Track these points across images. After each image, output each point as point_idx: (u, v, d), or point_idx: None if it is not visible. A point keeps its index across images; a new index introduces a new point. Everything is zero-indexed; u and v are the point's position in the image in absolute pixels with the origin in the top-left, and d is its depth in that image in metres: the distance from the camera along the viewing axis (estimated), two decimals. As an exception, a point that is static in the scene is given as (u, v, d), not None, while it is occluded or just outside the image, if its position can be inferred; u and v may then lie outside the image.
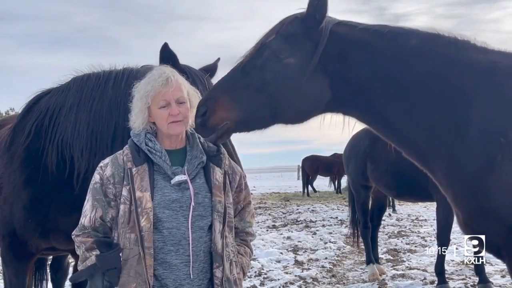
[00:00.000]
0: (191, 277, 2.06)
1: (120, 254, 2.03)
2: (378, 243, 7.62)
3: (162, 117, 2.11)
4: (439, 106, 2.33)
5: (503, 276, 6.25)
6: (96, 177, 2.13)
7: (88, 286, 2.06)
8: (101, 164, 2.17)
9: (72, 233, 2.14)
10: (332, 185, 22.96)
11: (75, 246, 2.13)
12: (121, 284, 2.01)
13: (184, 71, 2.68)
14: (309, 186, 22.06)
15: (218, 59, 3.22)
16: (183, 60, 2.84)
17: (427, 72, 2.34)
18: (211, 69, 3.12)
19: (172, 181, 2.09)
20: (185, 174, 2.11)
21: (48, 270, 4.77)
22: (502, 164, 2.20)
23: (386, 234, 10.09)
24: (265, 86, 2.33)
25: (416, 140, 2.42)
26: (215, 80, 3.04)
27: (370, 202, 7.19)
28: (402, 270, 6.98)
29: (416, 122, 2.37)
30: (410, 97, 2.35)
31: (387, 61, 2.37)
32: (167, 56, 2.73)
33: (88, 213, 2.09)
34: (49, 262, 4.78)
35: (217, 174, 2.19)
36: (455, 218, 2.59)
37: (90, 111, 3.00)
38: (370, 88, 2.38)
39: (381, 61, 2.37)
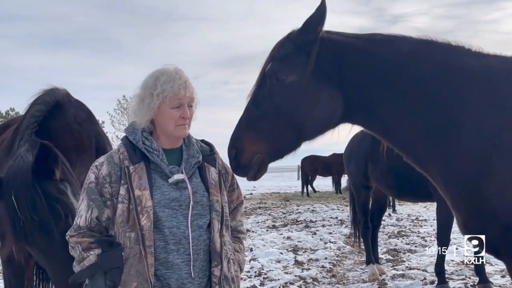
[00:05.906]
0: (192, 275, 2.06)
1: (122, 253, 2.01)
2: (378, 243, 7.61)
3: (172, 118, 2.09)
4: (434, 111, 2.36)
5: (503, 276, 6.24)
6: (91, 176, 2.08)
7: (87, 287, 2.02)
8: (95, 163, 2.13)
9: (66, 234, 2.11)
10: (334, 185, 22.92)
11: (70, 247, 2.09)
12: (122, 283, 2.00)
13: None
14: (309, 186, 22.04)
15: None
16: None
17: (420, 77, 2.37)
18: None
19: (170, 180, 2.08)
20: (182, 173, 2.11)
21: None
22: (497, 165, 2.23)
23: (386, 234, 10.08)
24: (279, 110, 2.40)
25: (414, 146, 2.45)
26: None
27: (371, 202, 7.19)
28: (402, 270, 6.97)
29: (411, 127, 2.40)
30: (404, 102, 2.38)
31: (380, 65, 2.40)
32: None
33: (84, 213, 2.06)
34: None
35: (213, 174, 2.20)
36: (455, 218, 2.61)
37: None
38: (366, 93, 2.42)
39: (374, 65, 2.40)
